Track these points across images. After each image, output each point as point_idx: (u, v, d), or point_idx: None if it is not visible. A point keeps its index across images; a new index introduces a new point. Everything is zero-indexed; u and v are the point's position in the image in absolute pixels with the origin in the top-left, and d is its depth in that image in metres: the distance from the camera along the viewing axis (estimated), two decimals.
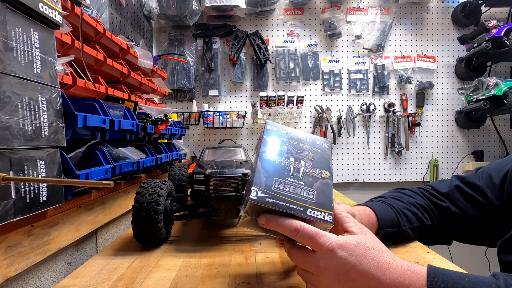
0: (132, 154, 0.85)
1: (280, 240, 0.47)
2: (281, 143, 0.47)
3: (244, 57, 2.20)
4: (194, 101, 2.15)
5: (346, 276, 0.37)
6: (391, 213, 0.61)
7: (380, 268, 0.37)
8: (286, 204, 0.41)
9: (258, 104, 2.11)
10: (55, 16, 0.51)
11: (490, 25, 1.97)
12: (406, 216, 0.62)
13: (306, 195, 0.42)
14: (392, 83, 2.27)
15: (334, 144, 2.23)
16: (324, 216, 0.41)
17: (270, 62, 2.21)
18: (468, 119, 2.18)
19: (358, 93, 2.26)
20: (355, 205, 0.66)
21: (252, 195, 0.41)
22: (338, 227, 0.43)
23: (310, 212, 0.41)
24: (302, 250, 0.41)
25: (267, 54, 2.16)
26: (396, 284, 0.36)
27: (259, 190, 0.41)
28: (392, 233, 0.60)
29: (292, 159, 0.45)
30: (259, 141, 0.49)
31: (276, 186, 0.42)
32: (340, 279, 0.38)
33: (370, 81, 2.26)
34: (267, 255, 0.62)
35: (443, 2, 2.28)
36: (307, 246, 0.42)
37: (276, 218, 0.40)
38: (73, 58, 0.68)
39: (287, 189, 0.42)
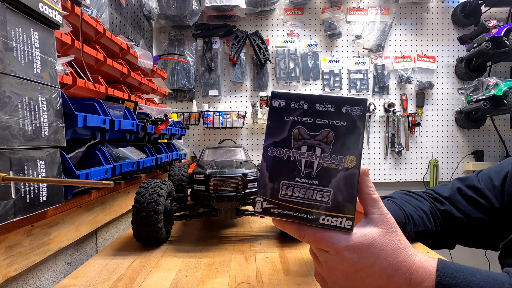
0: (132, 154, 0.85)
1: None
2: (291, 126, 0.36)
3: (244, 57, 2.20)
4: (194, 101, 2.15)
5: (355, 275, 0.37)
6: (400, 214, 0.62)
7: (393, 267, 0.36)
8: (295, 214, 0.36)
9: (258, 104, 2.11)
10: (55, 16, 0.51)
11: (490, 25, 1.96)
12: (413, 219, 0.62)
13: (320, 199, 0.36)
14: (392, 83, 2.27)
15: None
16: (341, 223, 0.36)
17: (270, 62, 2.21)
18: (468, 119, 2.18)
19: (358, 93, 2.26)
20: None
21: (257, 208, 0.37)
22: (360, 207, 0.40)
23: (324, 219, 0.36)
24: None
25: (267, 54, 2.16)
26: (407, 282, 0.35)
27: (264, 200, 0.36)
28: None
29: (304, 148, 0.36)
30: None
31: (283, 193, 0.36)
32: (348, 277, 0.37)
33: (370, 81, 2.26)
34: (267, 255, 0.62)
35: (443, 2, 2.28)
36: None
37: (282, 222, 0.39)
38: (73, 58, 0.68)
39: (296, 194, 0.36)
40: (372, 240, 0.36)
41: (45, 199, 0.49)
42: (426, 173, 2.27)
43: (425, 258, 0.37)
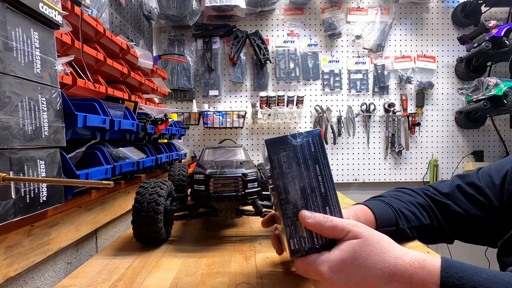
0: (132, 154, 0.85)
1: None
2: None
3: (244, 57, 2.20)
4: (194, 101, 2.15)
5: None
6: (389, 212, 0.61)
7: (388, 274, 0.35)
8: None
9: (258, 104, 2.11)
10: (55, 16, 0.51)
11: (490, 25, 1.96)
12: (404, 215, 0.61)
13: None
14: (392, 83, 2.27)
15: (334, 144, 2.23)
16: None
17: (270, 62, 2.21)
18: (468, 119, 2.18)
19: (358, 93, 2.26)
20: (353, 204, 0.66)
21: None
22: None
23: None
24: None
25: (267, 54, 2.16)
26: (407, 286, 0.34)
27: None
28: (390, 232, 0.60)
29: None
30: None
31: None
32: None
33: (370, 81, 2.26)
34: (267, 255, 0.62)
35: (443, 2, 2.28)
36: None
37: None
38: (73, 58, 0.68)
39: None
40: (352, 252, 0.36)
41: (45, 199, 0.49)
42: (426, 173, 2.27)
43: (423, 257, 0.36)
